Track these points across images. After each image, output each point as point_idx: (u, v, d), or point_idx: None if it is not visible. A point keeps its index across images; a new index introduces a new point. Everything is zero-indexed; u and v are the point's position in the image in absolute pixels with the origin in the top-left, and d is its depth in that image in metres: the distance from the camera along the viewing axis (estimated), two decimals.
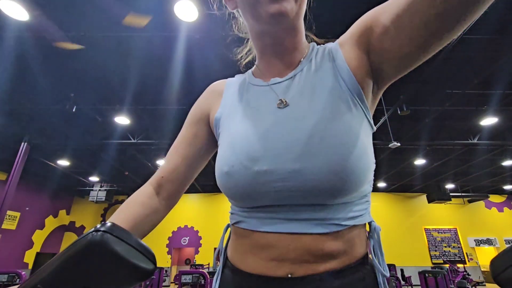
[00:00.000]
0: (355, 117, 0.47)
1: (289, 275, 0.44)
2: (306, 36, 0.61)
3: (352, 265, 0.45)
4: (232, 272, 0.52)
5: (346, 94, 0.49)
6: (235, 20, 0.66)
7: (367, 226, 0.52)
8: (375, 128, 0.53)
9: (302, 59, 0.56)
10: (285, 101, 0.51)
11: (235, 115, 0.55)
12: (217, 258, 0.58)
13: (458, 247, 12.54)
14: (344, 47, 0.53)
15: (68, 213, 13.05)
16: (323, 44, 0.60)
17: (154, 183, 0.61)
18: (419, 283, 5.50)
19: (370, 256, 0.49)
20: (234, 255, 0.53)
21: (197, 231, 12.69)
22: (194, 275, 4.66)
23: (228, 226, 0.59)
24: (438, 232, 12.83)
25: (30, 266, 10.64)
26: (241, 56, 0.70)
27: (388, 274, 0.47)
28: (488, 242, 12.56)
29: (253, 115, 0.53)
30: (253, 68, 0.63)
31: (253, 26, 0.55)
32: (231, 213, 0.55)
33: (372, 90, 0.52)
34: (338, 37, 0.57)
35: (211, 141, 0.64)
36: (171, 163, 0.62)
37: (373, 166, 0.49)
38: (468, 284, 7.05)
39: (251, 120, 0.52)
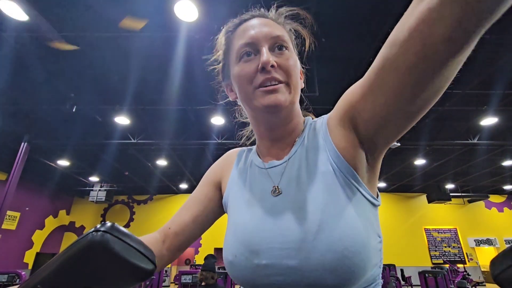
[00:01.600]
0: (350, 202, 0.46)
1: None
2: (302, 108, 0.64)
3: None
4: None
5: (339, 178, 0.48)
6: (237, 106, 0.71)
7: None
8: (379, 201, 0.52)
9: (296, 139, 0.59)
10: (279, 189, 0.53)
11: (237, 199, 0.59)
12: None
13: (458, 247, 12.54)
14: (330, 127, 0.53)
15: (68, 213, 13.06)
16: (315, 117, 0.64)
17: (161, 232, 0.63)
18: (419, 283, 5.50)
19: None
20: None
21: None
22: (194, 275, 4.66)
23: None
24: (438, 232, 12.83)
25: (30, 266, 10.65)
26: (246, 136, 0.75)
27: None
28: (488, 242, 12.56)
29: (251, 202, 0.55)
30: (256, 146, 0.67)
31: (251, 114, 0.60)
32: None
33: (368, 163, 0.50)
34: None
35: (221, 206, 0.67)
36: (180, 217, 0.64)
37: (378, 246, 0.48)
38: (468, 284, 7.05)
39: (249, 207, 0.55)
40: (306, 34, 0.63)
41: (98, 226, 0.31)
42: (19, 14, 3.82)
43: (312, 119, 0.64)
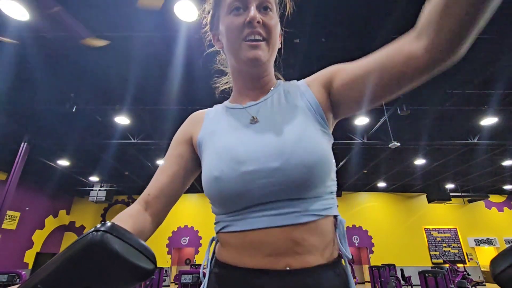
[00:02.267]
0: (319, 129, 0.59)
1: (287, 268, 0.49)
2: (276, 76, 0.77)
3: (332, 261, 0.54)
4: (228, 270, 0.54)
5: (313, 113, 0.61)
6: (218, 55, 0.79)
7: (334, 219, 0.59)
8: (332, 139, 0.65)
9: (272, 88, 0.70)
10: (256, 118, 0.62)
11: (217, 133, 0.64)
12: (203, 274, 0.60)
13: (458, 247, 12.54)
14: (310, 85, 0.66)
15: (68, 213, 13.06)
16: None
17: (141, 201, 0.64)
18: (419, 283, 5.50)
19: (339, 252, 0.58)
20: (228, 259, 0.55)
21: (197, 231, 12.69)
22: (194, 275, 4.66)
23: (213, 239, 0.64)
24: (438, 232, 12.84)
25: (30, 266, 10.65)
26: (220, 85, 0.83)
27: (350, 256, 0.56)
28: (488, 242, 12.56)
29: (232, 131, 0.62)
30: (230, 98, 0.75)
31: (234, 65, 0.69)
32: (216, 223, 0.60)
33: (330, 118, 0.65)
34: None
35: (195, 162, 0.70)
36: (157, 181, 0.66)
37: (335, 168, 0.60)
38: (468, 284, 7.05)
39: (231, 134, 0.61)
40: (288, 0, 0.73)
41: (98, 226, 0.31)
42: (19, 14, 3.82)
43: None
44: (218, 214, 0.59)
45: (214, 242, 0.64)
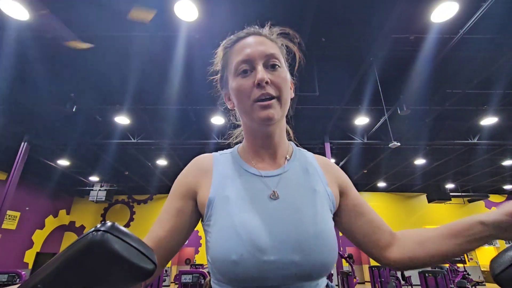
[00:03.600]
0: (330, 218, 0.63)
1: None
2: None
3: None
4: None
5: (328, 201, 0.64)
6: (232, 111, 0.78)
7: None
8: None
9: (287, 157, 0.71)
10: (277, 193, 0.62)
11: (232, 201, 0.60)
12: None
13: None
14: (326, 174, 0.70)
15: (68, 213, 13.06)
16: (295, 143, 0.80)
17: None
18: (419, 283, 5.50)
19: None
20: None
21: (197, 231, 12.66)
22: (194, 275, 4.66)
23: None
24: None
25: (30, 266, 10.65)
26: (236, 136, 0.83)
27: None
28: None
29: (250, 204, 0.60)
30: (239, 148, 0.74)
31: (246, 124, 0.70)
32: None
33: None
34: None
35: (195, 217, 0.66)
36: (154, 234, 0.62)
37: None
38: (468, 284, 7.04)
39: (249, 209, 0.59)
40: (296, 50, 0.74)
41: (98, 225, 0.31)
42: (19, 13, 3.82)
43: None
44: (221, 282, 0.58)
45: None
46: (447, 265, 9.28)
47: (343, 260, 7.54)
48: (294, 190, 0.63)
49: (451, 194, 11.99)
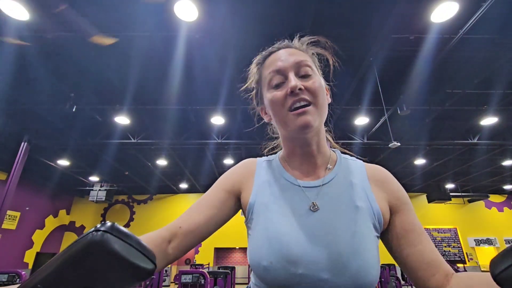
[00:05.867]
0: (374, 236, 0.58)
1: None
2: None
3: None
4: None
5: (372, 217, 0.59)
6: (270, 126, 0.81)
7: None
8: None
9: (329, 166, 0.68)
10: (316, 205, 0.60)
11: (270, 209, 0.62)
12: None
13: (458, 247, 12.54)
14: (373, 185, 0.65)
15: (68, 213, 13.06)
16: (337, 147, 0.77)
17: (169, 230, 0.61)
18: None
19: None
20: None
21: None
22: (194, 275, 4.66)
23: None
24: (438, 232, 12.83)
25: (30, 266, 10.65)
26: (271, 148, 0.84)
27: None
28: (488, 242, 12.56)
29: (287, 213, 0.60)
30: (279, 156, 0.74)
31: (284, 134, 0.69)
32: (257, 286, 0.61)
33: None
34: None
35: (234, 211, 0.69)
36: (192, 218, 0.63)
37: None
38: None
39: (286, 218, 0.59)
40: (328, 55, 0.74)
41: (98, 225, 0.31)
42: (19, 13, 3.82)
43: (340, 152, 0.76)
44: (259, 281, 0.59)
45: None
46: None
47: None
48: (333, 204, 0.60)
49: (451, 194, 11.99)
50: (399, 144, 6.03)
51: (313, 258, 0.53)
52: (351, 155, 0.75)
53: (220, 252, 13.66)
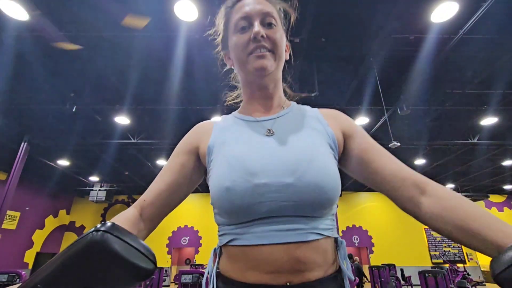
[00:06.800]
0: (331, 153, 0.61)
1: (288, 283, 0.51)
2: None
3: (332, 275, 0.56)
4: (232, 285, 0.55)
5: (326, 138, 0.63)
6: (232, 72, 0.83)
7: (335, 241, 0.61)
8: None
9: (283, 106, 0.72)
10: (272, 130, 0.64)
11: (228, 142, 0.64)
12: (207, 285, 0.59)
13: (458, 247, 12.54)
14: (327, 119, 0.68)
15: (68, 213, 13.05)
16: (293, 95, 0.82)
17: (137, 206, 0.64)
18: (419, 283, 5.50)
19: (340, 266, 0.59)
20: (231, 273, 0.56)
21: (197, 231, 12.69)
22: (194, 275, 4.66)
23: (215, 250, 0.63)
24: None
25: (30, 266, 10.64)
26: (232, 98, 0.86)
27: (352, 278, 0.57)
28: None
29: (245, 141, 0.63)
30: (239, 109, 0.77)
31: (243, 78, 0.72)
32: (222, 234, 0.59)
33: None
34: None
35: (197, 172, 0.69)
36: (154, 188, 0.65)
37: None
38: (468, 284, 7.05)
39: (244, 144, 0.62)
40: (292, 12, 0.75)
41: (98, 225, 0.31)
42: (19, 13, 3.82)
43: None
44: (224, 225, 0.59)
45: (216, 253, 0.63)
46: (447, 265, 9.29)
47: None
48: (289, 128, 0.64)
49: None
50: (399, 144, 6.03)
51: (274, 166, 0.55)
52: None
53: None
